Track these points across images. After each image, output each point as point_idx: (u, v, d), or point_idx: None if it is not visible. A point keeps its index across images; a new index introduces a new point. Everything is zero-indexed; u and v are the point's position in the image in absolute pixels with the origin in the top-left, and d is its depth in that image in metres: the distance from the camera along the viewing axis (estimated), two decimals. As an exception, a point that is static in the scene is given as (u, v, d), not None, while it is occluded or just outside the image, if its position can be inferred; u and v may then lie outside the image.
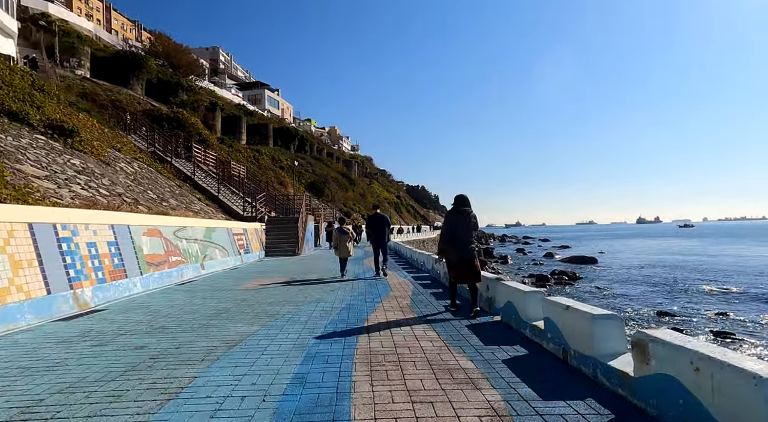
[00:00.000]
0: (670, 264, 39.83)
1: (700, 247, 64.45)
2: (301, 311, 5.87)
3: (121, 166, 15.28)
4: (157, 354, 3.88)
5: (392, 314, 5.66)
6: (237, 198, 22.02)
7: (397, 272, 11.29)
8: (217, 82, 69.55)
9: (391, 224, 10.71)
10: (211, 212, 17.99)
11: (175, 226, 10.14)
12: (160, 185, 16.75)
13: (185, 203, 16.48)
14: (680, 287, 25.95)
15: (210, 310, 6.06)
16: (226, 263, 12.98)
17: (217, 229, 13.01)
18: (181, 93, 45.57)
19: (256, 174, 40.89)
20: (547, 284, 29.46)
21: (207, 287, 8.61)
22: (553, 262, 46.93)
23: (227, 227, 14.17)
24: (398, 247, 19.32)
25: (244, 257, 14.97)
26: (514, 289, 4.70)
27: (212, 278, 10.04)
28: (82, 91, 33.33)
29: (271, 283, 9.05)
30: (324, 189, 52.42)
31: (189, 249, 10.50)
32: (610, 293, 24.10)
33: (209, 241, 12.02)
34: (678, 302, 21.33)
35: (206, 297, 7.25)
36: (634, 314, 18.37)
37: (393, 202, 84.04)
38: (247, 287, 8.55)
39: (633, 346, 2.59)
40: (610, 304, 20.52)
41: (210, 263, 11.67)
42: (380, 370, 3.37)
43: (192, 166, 22.25)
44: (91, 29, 52.50)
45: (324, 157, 69.86)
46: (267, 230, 19.54)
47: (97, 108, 27.21)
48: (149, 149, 22.80)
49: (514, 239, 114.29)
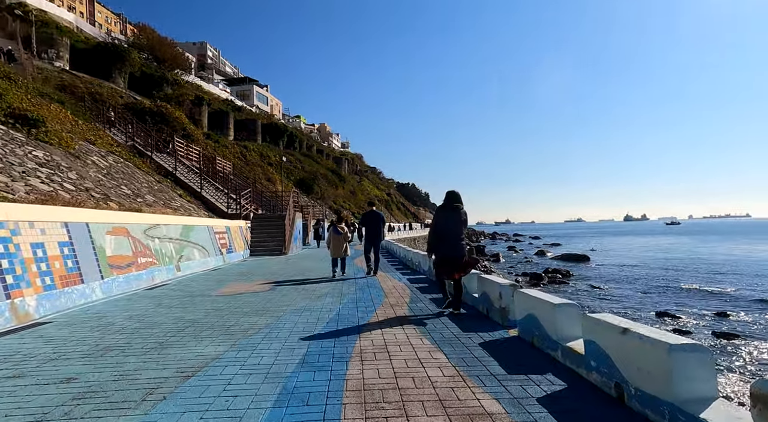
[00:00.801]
0: (663, 262, 39.58)
1: (690, 245, 64.65)
2: (282, 324, 4.98)
3: (93, 159, 14.20)
4: (85, 392, 2.96)
5: (389, 328, 4.80)
6: (221, 195, 20.99)
7: (390, 273, 10.43)
8: (204, 76, 67.94)
9: (386, 222, 10.22)
10: (192, 209, 16.97)
11: (147, 224, 9.17)
12: (137, 181, 15.69)
13: (164, 200, 15.44)
14: (675, 285, 25.51)
15: (173, 323, 5.14)
16: (206, 263, 12.01)
17: (196, 227, 12.03)
18: (165, 87, 44.14)
19: (243, 170, 39.74)
20: (541, 283, 28.89)
21: (179, 292, 7.66)
22: (546, 260, 46.51)
23: (208, 224, 13.19)
24: (391, 246, 18.46)
25: (227, 257, 14.00)
26: (539, 300, 3.86)
27: (187, 282, 9.08)
28: (60, 84, 31.94)
29: (252, 287, 8.14)
30: (313, 186, 51.36)
31: (162, 249, 9.53)
32: (606, 293, 23.53)
33: (186, 240, 11.04)
34: (675, 301, 20.83)
35: (173, 305, 6.32)
36: (633, 316, 17.75)
37: (383, 199, 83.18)
38: (224, 292, 7.63)
39: (754, 400, 1.76)
40: (606, 306, 19.94)
41: (187, 264, 10.71)
42: (378, 418, 2.50)
43: (174, 161, 21.14)
44: (71, 21, 50.68)
45: (314, 153, 68.69)
46: (252, 228, 18.56)
47: (75, 100, 25.90)
48: (128, 142, 21.65)
49: (505, 236, 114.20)
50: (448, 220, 5.60)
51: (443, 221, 5.63)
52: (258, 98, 78.70)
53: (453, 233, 5.55)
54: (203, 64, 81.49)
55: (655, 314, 18.24)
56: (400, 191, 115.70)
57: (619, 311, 18.40)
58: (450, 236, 5.54)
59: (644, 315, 18.09)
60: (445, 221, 5.61)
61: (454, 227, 5.56)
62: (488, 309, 5.21)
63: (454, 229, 5.56)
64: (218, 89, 66.02)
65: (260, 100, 79.45)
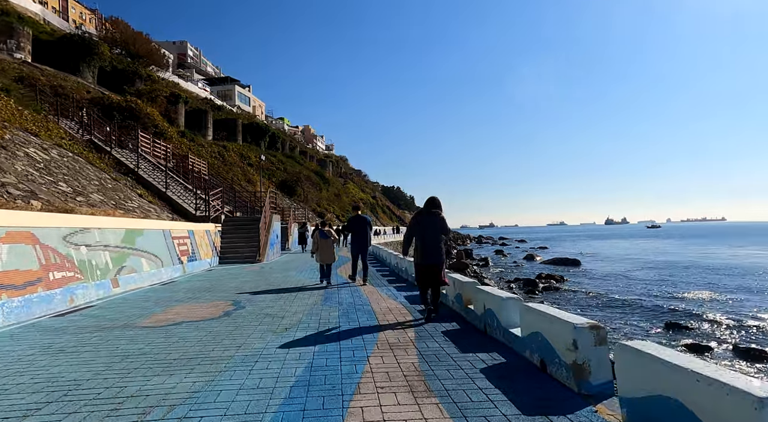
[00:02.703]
0: (654, 266, 38.43)
1: (676, 248, 64.25)
2: (212, 397, 3.00)
3: (29, 151, 11.98)
4: None
5: (391, 401, 2.88)
6: (190, 195, 18.81)
7: (382, 288, 8.49)
8: (182, 75, 65.15)
9: (373, 226, 9.85)
10: (153, 211, 14.81)
11: (69, 228, 7.08)
12: (86, 177, 13.48)
13: (117, 200, 13.27)
14: (674, 290, 24.19)
15: (29, 391, 3.13)
16: (159, 275, 9.91)
17: (147, 231, 9.94)
18: (138, 82, 41.56)
19: (220, 171, 37.40)
20: (536, 290, 27.33)
21: (93, 321, 5.60)
22: (536, 264, 45.12)
23: (164, 228, 11.07)
24: (380, 252, 16.53)
25: (188, 266, 11.90)
26: (680, 369, 2.00)
27: (120, 302, 7.01)
28: (19, 75, 29.39)
29: (200, 311, 6.12)
30: (296, 188, 49.10)
31: (92, 260, 7.45)
32: (607, 301, 21.99)
33: (131, 248, 8.95)
34: (680, 309, 19.43)
35: (67, 349, 4.28)
36: (644, 328, 16.18)
37: (369, 202, 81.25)
38: (158, 319, 5.60)
39: None
40: (612, 316, 18.37)
41: (130, 277, 8.61)
42: None
43: (136, 157, 18.90)
44: (37, 12, 47.68)
45: (297, 155, 66.39)
46: (223, 232, 16.45)
47: (33, 94, 23.42)
48: (85, 137, 19.34)
49: (491, 240, 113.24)
50: (423, 225, 5.49)
51: (418, 225, 5.54)
52: (240, 99, 76.07)
53: (429, 238, 5.41)
54: (183, 63, 78.58)
55: (665, 325, 16.73)
56: (386, 195, 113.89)
57: (629, 323, 16.87)
58: (426, 241, 5.41)
59: (654, 328, 16.55)
60: (421, 226, 5.51)
61: (430, 232, 5.43)
62: (544, 360, 3.35)
63: (431, 234, 5.42)
64: (197, 88, 63.32)
65: (242, 101, 76.84)
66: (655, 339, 14.64)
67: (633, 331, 15.73)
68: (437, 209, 5.54)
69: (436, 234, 5.43)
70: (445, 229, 5.52)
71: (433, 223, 5.46)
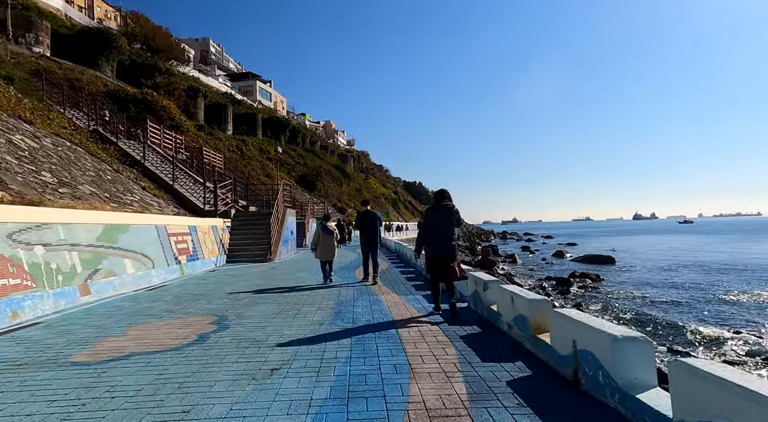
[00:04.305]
0: (697, 263, 35.49)
1: (718, 244, 60.32)
2: None
3: (13, 138, 10.77)
4: None
5: None
6: (200, 188, 17.53)
7: (408, 297, 6.78)
8: (203, 70, 64.66)
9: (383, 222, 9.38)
10: (156, 204, 13.54)
11: (19, 223, 5.68)
12: (80, 168, 12.26)
13: (113, 192, 12.00)
14: (729, 292, 21.73)
15: None
16: (148, 278, 8.51)
17: (135, 227, 8.54)
18: (156, 76, 40.90)
19: (238, 165, 36.39)
20: (571, 290, 25.24)
21: (15, 351, 4.12)
22: (566, 262, 42.69)
23: (157, 223, 9.66)
24: (402, 250, 14.86)
25: (187, 266, 10.49)
26: None
27: (79, 317, 5.55)
28: (35, 69, 28.80)
29: (165, 335, 4.60)
30: (316, 183, 47.85)
31: (52, 263, 6.04)
32: (656, 301, 19.80)
33: (111, 246, 7.55)
34: (740, 314, 17.17)
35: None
36: (710, 339, 14.06)
37: (391, 198, 79.68)
38: (101, 349, 4.05)
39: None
40: (665, 318, 16.26)
41: (107, 282, 7.20)
42: None
43: (143, 148, 17.73)
44: (59, 8, 47.64)
45: (317, 149, 65.19)
46: (233, 227, 15.08)
47: (46, 86, 22.59)
48: (91, 127, 18.30)
49: (515, 236, 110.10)
50: (436, 219, 5.38)
51: (431, 220, 5.41)
52: (261, 94, 75.29)
53: (442, 232, 5.30)
54: (205, 60, 78.38)
55: (733, 332, 14.59)
56: (407, 190, 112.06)
57: (683, 334, 14.77)
58: (438, 235, 5.30)
59: (720, 334, 14.42)
60: (434, 221, 5.39)
61: (443, 226, 5.32)
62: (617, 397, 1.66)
63: (443, 228, 5.30)
64: (218, 83, 62.70)
65: (263, 96, 76.07)
66: (720, 351, 12.61)
67: (688, 341, 13.73)
68: (448, 201, 5.37)
69: (449, 228, 5.29)
70: (458, 221, 5.36)
71: (445, 216, 5.30)
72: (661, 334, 14.33)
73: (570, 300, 21.24)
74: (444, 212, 5.32)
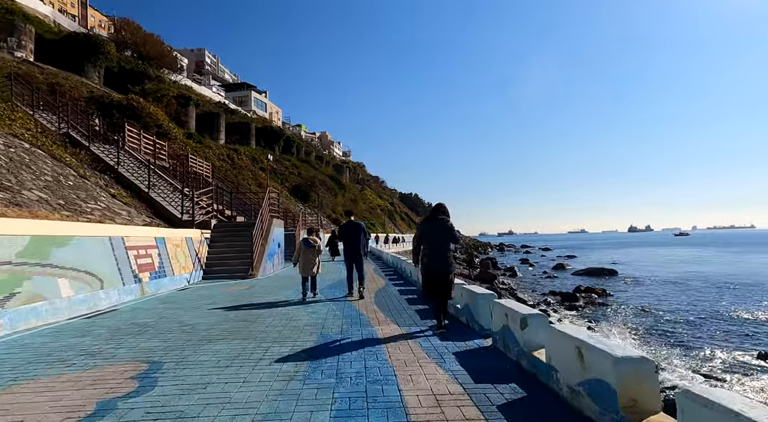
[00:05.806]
0: (705, 278, 34.06)
1: (718, 257, 59.16)
2: None
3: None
4: None
5: None
6: (178, 196, 16.02)
7: (417, 340, 5.30)
8: (196, 79, 63.45)
9: (368, 233, 8.82)
10: (125, 213, 12.01)
11: None
12: (34, 172, 10.74)
13: (71, 200, 10.49)
14: (739, 307, 20.43)
15: None
16: (94, 301, 6.96)
17: (78, 239, 7.02)
18: (145, 82, 39.55)
19: (228, 174, 34.91)
20: (578, 305, 23.77)
21: None
22: (568, 275, 41.34)
23: (112, 234, 8.14)
24: (401, 265, 13.36)
25: (150, 285, 8.95)
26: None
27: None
28: (15, 73, 27.36)
29: (56, 403, 3.10)
30: (310, 193, 46.36)
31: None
32: (668, 319, 18.38)
33: (38, 263, 6.03)
34: (760, 332, 15.91)
35: None
36: (729, 363, 12.67)
37: (387, 209, 78.23)
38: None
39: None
40: (683, 340, 14.86)
41: (28, 310, 5.65)
42: None
43: (117, 153, 16.23)
44: (47, 14, 46.41)
45: (312, 160, 63.82)
46: (212, 239, 13.55)
47: (17, 87, 21.11)
48: (61, 130, 16.83)
49: (513, 248, 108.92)
50: (430, 230, 5.31)
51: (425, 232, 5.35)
52: (256, 104, 74.07)
53: (436, 245, 5.25)
54: (200, 70, 77.29)
55: (757, 355, 13.21)
56: (403, 202, 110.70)
57: (698, 353, 13.41)
58: (433, 248, 5.24)
59: (743, 358, 13.02)
60: (427, 233, 5.32)
61: (437, 238, 5.25)
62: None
63: (437, 241, 5.25)
64: (211, 92, 61.44)
65: (258, 107, 74.85)
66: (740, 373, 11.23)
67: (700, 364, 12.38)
68: (444, 216, 5.33)
69: (443, 241, 5.26)
70: (453, 237, 5.32)
71: (439, 230, 5.26)
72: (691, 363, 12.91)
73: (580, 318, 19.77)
74: (439, 224, 5.27)
